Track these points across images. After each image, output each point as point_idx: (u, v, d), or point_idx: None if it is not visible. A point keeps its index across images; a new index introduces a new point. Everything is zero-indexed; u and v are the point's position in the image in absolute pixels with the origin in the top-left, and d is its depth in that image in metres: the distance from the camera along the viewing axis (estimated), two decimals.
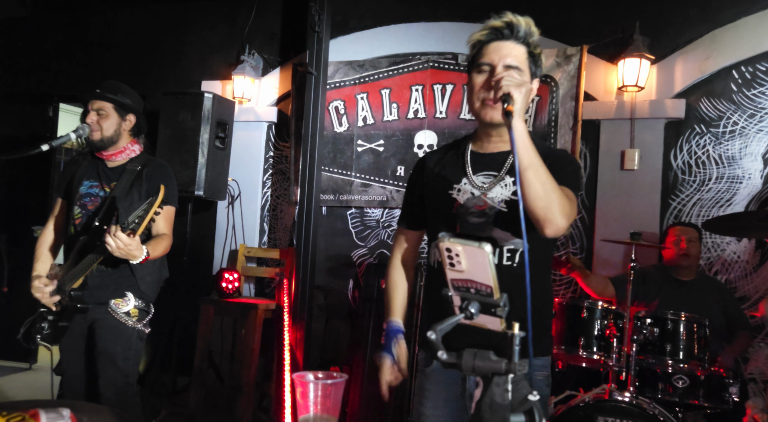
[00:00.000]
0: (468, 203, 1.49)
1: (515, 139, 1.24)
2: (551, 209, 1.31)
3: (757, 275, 3.24)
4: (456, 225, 1.49)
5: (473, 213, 1.48)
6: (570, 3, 3.69)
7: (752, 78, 3.31)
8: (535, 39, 1.48)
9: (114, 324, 2.30)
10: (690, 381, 2.46)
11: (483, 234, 1.45)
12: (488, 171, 1.50)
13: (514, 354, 0.98)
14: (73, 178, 2.43)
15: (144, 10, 4.64)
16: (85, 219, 2.33)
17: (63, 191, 2.48)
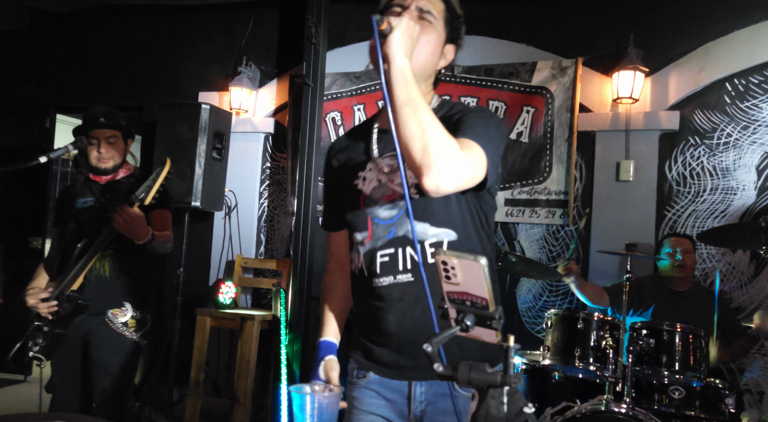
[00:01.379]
0: (374, 194, 1.26)
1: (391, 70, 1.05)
2: (428, 152, 1.04)
3: (752, 286, 3.25)
4: (368, 224, 1.26)
5: (383, 206, 1.25)
6: (565, 16, 3.73)
7: (745, 90, 3.35)
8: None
9: (111, 336, 2.29)
10: (686, 393, 2.46)
11: (399, 233, 1.24)
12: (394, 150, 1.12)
13: (509, 367, 0.98)
14: (64, 204, 2.48)
15: (141, 21, 4.68)
16: (82, 231, 2.35)
17: (56, 221, 2.53)
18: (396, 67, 1.07)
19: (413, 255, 1.23)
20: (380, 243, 1.26)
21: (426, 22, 1.26)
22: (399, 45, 1.08)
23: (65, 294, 2.23)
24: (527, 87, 3.72)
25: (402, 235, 1.24)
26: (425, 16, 1.26)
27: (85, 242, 2.27)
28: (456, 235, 1.24)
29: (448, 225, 1.23)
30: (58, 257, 2.44)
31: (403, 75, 1.07)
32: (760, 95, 3.32)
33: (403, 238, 1.24)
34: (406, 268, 1.23)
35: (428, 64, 1.27)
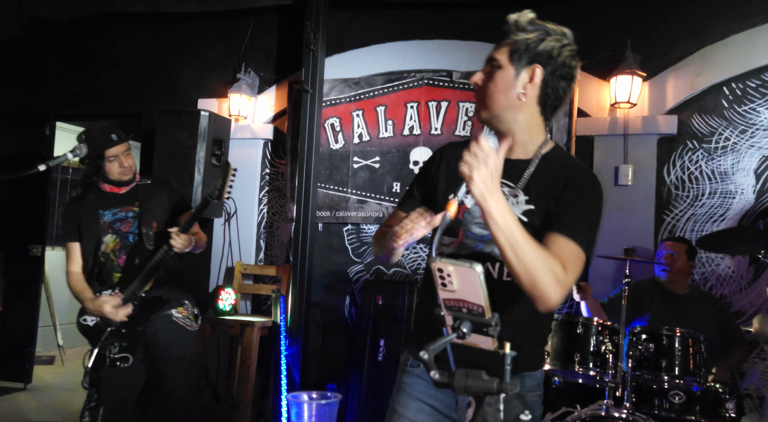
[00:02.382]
0: (474, 210, 1.38)
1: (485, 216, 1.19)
2: (537, 287, 1.20)
3: (751, 290, 3.25)
4: (459, 231, 1.39)
5: (478, 223, 1.38)
6: (562, 21, 3.71)
7: (743, 94, 3.35)
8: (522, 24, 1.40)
9: (181, 332, 2.56)
10: (686, 397, 2.45)
11: (485, 249, 1.37)
12: (505, 179, 1.35)
13: (506, 374, 0.99)
14: (81, 218, 2.57)
15: (141, 29, 4.69)
16: (124, 241, 2.55)
17: (74, 235, 2.58)
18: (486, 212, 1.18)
19: (491, 270, 1.37)
20: (464, 253, 1.39)
21: (494, 69, 1.37)
22: (481, 192, 1.17)
23: (137, 296, 2.47)
24: None
25: (487, 252, 1.37)
26: (492, 64, 1.38)
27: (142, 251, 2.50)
28: None
29: None
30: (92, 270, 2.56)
31: (493, 218, 1.18)
32: (758, 99, 3.33)
33: (487, 255, 1.37)
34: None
35: (504, 101, 1.36)
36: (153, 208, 2.58)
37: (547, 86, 1.37)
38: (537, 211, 1.35)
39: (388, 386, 3.58)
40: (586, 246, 1.30)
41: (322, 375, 4.00)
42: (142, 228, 2.53)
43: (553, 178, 1.36)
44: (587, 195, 1.35)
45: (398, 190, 4.00)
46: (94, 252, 2.55)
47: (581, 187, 1.35)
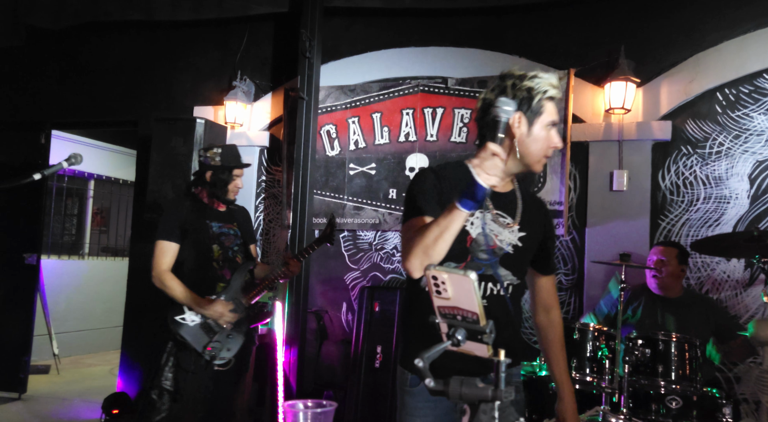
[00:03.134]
0: (480, 240, 1.58)
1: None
2: None
3: (747, 294, 3.26)
4: (467, 257, 1.58)
5: (484, 250, 1.58)
6: (557, 28, 3.77)
7: (736, 100, 3.38)
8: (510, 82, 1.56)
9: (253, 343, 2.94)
10: (683, 402, 2.45)
11: (488, 272, 1.59)
12: (502, 211, 1.62)
13: (500, 381, 0.99)
14: (187, 224, 2.75)
15: (136, 37, 4.70)
16: (225, 254, 2.80)
17: (177, 236, 2.73)
18: None
19: (493, 288, 1.61)
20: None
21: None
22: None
23: (243, 306, 2.74)
24: None
25: (489, 274, 1.60)
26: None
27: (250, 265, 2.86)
28: (519, 281, 1.65)
29: (519, 274, 1.64)
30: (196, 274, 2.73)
31: None
32: (751, 104, 3.35)
33: (489, 276, 1.60)
34: (483, 296, 1.58)
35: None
36: (246, 234, 2.93)
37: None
38: (528, 235, 1.65)
39: (386, 392, 3.57)
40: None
41: (319, 383, 3.99)
42: (241, 248, 2.85)
43: (532, 206, 1.68)
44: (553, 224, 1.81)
45: (394, 196, 4.00)
46: (204, 259, 2.75)
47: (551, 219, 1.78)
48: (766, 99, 3.32)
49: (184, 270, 2.72)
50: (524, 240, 1.63)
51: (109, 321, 6.41)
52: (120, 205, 7.37)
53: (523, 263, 1.66)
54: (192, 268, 2.73)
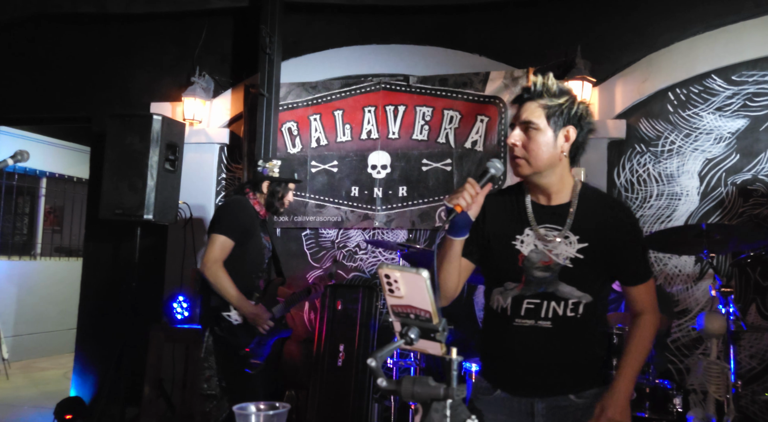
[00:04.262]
0: (532, 257, 1.57)
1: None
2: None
3: (697, 288, 3.37)
4: (522, 277, 1.58)
5: (538, 267, 1.56)
6: (516, 27, 3.81)
7: (686, 99, 3.49)
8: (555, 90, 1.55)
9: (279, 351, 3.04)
10: (637, 394, 2.51)
11: (549, 289, 1.57)
12: (550, 224, 1.58)
13: (452, 379, 0.99)
14: (246, 227, 2.80)
15: (89, 30, 4.55)
16: (264, 265, 2.90)
17: (237, 235, 2.75)
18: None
19: (556, 308, 1.57)
20: (529, 293, 1.58)
21: (533, 131, 1.55)
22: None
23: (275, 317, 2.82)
24: (481, 96, 3.78)
25: (550, 292, 1.56)
26: (529, 127, 1.55)
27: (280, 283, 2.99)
28: (591, 299, 1.56)
29: (588, 290, 1.56)
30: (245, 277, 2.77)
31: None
32: (701, 104, 3.46)
33: (551, 294, 1.56)
34: (547, 317, 1.56)
35: (548, 159, 1.55)
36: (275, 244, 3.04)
37: (578, 141, 1.57)
38: (590, 246, 1.55)
39: (348, 391, 3.56)
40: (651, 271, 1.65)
41: (280, 382, 3.95)
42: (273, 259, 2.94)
43: (598, 215, 1.58)
44: (635, 229, 1.63)
45: (356, 194, 3.99)
46: (252, 266, 2.81)
47: (629, 225, 1.61)
48: (714, 99, 3.44)
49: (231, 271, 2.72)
50: (585, 251, 1.54)
51: (63, 323, 6.21)
52: (74, 203, 7.13)
53: (588, 277, 1.55)
54: (238, 272, 2.73)
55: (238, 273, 2.71)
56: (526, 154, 1.54)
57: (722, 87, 3.42)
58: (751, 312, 3.27)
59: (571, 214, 1.57)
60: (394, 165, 3.94)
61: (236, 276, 2.70)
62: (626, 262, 1.58)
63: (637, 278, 1.61)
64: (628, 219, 1.61)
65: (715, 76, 3.43)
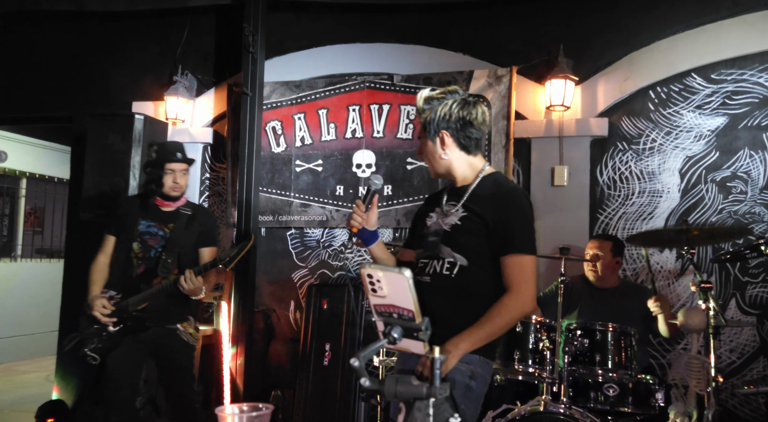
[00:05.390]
0: (431, 226, 1.86)
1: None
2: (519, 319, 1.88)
3: (678, 284, 3.42)
4: (424, 243, 1.86)
5: (432, 233, 1.83)
6: (499, 26, 3.83)
7: (667, 98, 3.53)
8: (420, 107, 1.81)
9: (183, 343, 2.77)
10: (620, 390, 2.55)
11: (435, 251, 1.80)
12: (453, 201, 1.84)
13: (435, 378, 0.99)
14: (125, 219, 2.80)
15: (70, 29, 4.48)
16: (146, 253, 2.76)
17: (113, 229, 2.83)
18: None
19: (435, 266, 1.79)
20: (424, 255, 1.86)
21: (421, 142, 1.87)
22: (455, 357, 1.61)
23: (130, 312, 2.66)
24: None
25: (435, 253, 1.80)
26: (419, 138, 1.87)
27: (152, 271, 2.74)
28: (467, 263, 1.74)
29: (463, 254, 1.74)
30: (116, 268, 2.77)
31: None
32: (681, 102, 3.50)
33: (435, 255, 1.80)
34: (428, 273, 1.80)
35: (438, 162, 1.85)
36: (185, 239, 2.80)
37: (459, 138, 1.79)
38: (468, 215, 1.77)
39: (334, 390, 3.56)
40: (531, 249, 1.74)
41: (267, 383, 3.93)
42: (165, 251, 2.75)
43: (487, 194, 1.78)
44: (509, 204, 1.76)
45: (341, 193, 3.98)
46: (124, 255, 2.77)
47: (504, 200, 1.76)
48: (694, 97, 3.48)
49: (111, 262, 2.80)
50: (463, 219, 1.77)
51: (45, 325, 6.12)
52: (55, 204, 7.03)
53: (463, 241, 1.75)
54: (114, 262, 2.80)
55: (113, 264, 2.79)
56: (426, 161, 1.88)
57: (702, 85, 3.47)
58: (731, 307, 3.32)
59: (468, 193, 1.80)
60: (379, 164, 3.94)
61: (112, 267, 2.79)
62: (495, 232, 1.73)
63: (503, 249, 1.72)
64: (506, 195, 1.78)
65: (695, 74, 3.48)
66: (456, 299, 1.73)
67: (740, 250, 2.53)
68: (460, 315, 1.70)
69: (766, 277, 3.29)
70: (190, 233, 2.83)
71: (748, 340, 3.29)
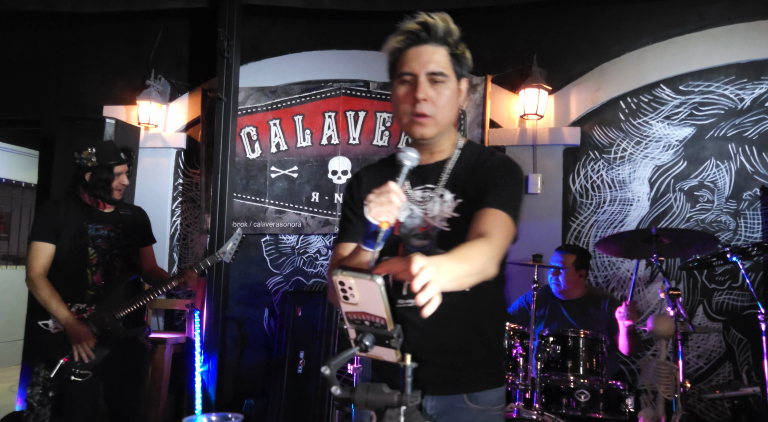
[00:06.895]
0: (408, 223, 1.38)
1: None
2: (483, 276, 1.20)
3: (648, 291, 3.48)
4: (399, 247, 1.37)
5: (417, 235, 1.37)
6: (474, 35, 3.84)
7: (637, 108, 3.61)
8: (455, 37, 1.36)
9: (142, 351, 2.78)
10: (591, 395, 2.58)
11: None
12: (426, 184, 1.39)
13: (406, 386, 0.99)
14: (63, 224, 2.62)
15: (37, 30, 4.39)
16: (101, 258, 2.64)
17: (53, 236, 2.61)
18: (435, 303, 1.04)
19: None
20: None
21: (440, 83, 1.33)
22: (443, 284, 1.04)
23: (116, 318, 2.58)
24: None
25: None
26: (437, 78, 1.33)
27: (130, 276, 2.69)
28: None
29: None
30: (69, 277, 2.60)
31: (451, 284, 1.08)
32: (650, 113, 3.59)
33: None
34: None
35: (454, 115, 1.39)
36: (134, 239, 2.76)
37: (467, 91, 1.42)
38: (466, 202, 1.35)
39: (308, 398, 3.52)
40: (513, 214, 1.32)
41: (240, 391, 3.88)
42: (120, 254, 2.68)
43: (474, 166, 1.39)
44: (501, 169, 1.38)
45: (317, 199, 3.97)
46: (79, 263, 2.61)
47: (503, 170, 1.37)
48: (663, 108, 3.57)
49: (55, 274, 2.60)
50: (461, 208, 1.35)
51: (10, 334, 5.94)
52: (22, 209, 6.85)
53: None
54: (63, 272, 2.60)
55: (62, 275, 2.60)
56: (435, 112, 1.33)
57: (670, 96, 3.56)
58: (698, 314, 3.40)
59: (447, 170, 1.39)
60: (355, 170, 3.93)
61: (62, 278, 2.59)
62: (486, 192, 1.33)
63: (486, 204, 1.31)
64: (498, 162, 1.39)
65: (663, 85, 3.56)
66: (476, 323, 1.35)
67: (707, 258, 2.59)
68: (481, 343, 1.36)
69: (732, 284, 3.38)
70: (136, 233, 2.78)
71: (714, 346, 3.37)
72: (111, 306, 2.59)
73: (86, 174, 2.63)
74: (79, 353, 2.49)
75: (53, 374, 2.52)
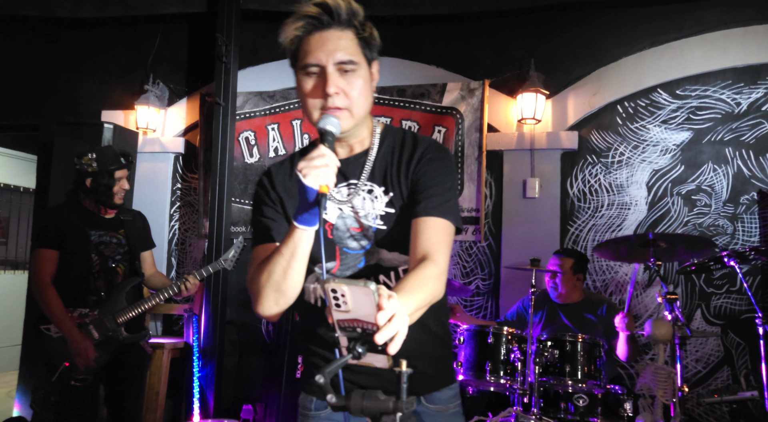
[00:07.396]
0: (341, 225, 1.27)
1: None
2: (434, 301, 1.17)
3: (646, 295, 3.48)
4: (335, 253, 1.27)
5: (353, 235, 1.27)
6: (472, 40, 3.88)
7: (634, 112, 3.61)
8: (360, 18, 1.23)
9: (145, 356, 2.82)
10: (589, 400, 2.58)
11: (371, 261, 1.26)
12: (349, 180, 1.28)
13: (402, 392, 0.99)
14: (66, 230, 2.62)
15: (35, 35, 4.40)
16: (104, 264, 2.65)
17: (55, 243, 2.60)
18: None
19: (387, 282, 1.25)
20: (350, 273, 1.26)
21: (350, 73, 1.20)
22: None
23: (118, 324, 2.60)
24: (438, 107, 3.82)
25: (374, 264, 1.26)
26: (347, 67, 1.20)
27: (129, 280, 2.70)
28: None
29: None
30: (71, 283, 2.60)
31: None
32: (647, 117, 3.59)
33: (375, 266, 1.26)
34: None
35: (369, 104, 1.26)
36: (137, 244, 2.78)
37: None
38: (397, 195, 1.27)
39: None
40: (454, 218, 1.23)
41: (238, 396, 3.87)
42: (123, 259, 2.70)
43: (400, 155, 1.28)
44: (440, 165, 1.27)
45: None
46: (81, 269, 2.61)
47: (434, 162, 1.26)
48: (660, 112, 3.57)
49: (58, 279, 2.60)
50: (393, 202, 1.26)
51: (7, 339, 5.93)
52: (20, 214, 6.85)
53: (407, 233, 1.22)
54: (66, 278, 2.61)
55: (63, 280, 2.60)
56: (350, 104, 1.20)
57: (667, 101, 3.56)
58: (696, 318, 3.39)
59: (369, 162, 1.27)
60: None
61: (65, 285, 2.59)
62: (416, 194, 1.23)
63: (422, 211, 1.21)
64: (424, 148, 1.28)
65: (660, 90, 3.57)
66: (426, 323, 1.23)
67: (705, 262, 2.59)
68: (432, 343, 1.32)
69: (729, 288, 3.38)
70: (139, 237, 2.80)
71: (712, 350, 3.37)
72: (113, 311, 2.61)
73: (87, 179, 2.64)
74: (78, 364, 2.52)
75: (54, 379, 2.53)
